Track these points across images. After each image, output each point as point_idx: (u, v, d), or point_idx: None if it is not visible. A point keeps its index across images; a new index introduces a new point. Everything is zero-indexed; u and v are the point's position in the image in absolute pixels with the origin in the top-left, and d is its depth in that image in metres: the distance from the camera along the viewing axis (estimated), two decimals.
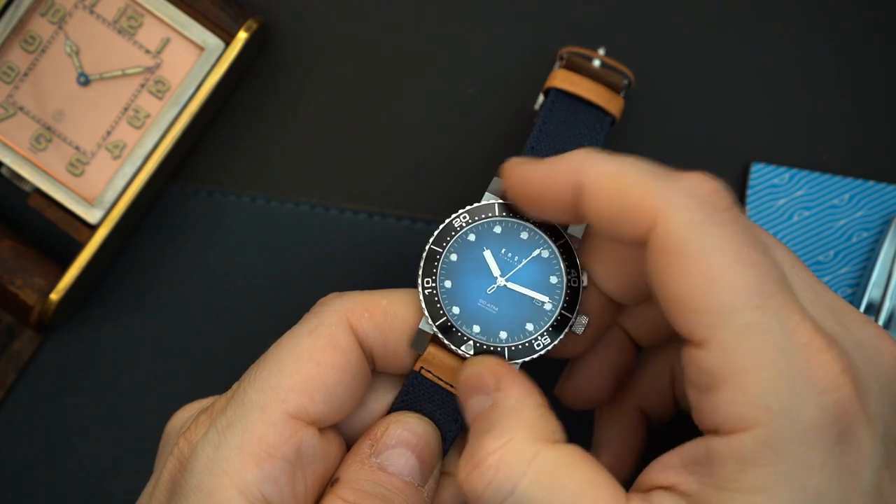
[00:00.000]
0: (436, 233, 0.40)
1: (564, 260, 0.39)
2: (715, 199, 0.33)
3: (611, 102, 0.44)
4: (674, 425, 0.45)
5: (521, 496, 0.34)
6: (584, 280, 0.39)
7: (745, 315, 0.32)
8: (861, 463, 0.32)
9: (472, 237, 0.40)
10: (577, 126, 0.43)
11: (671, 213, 0.33)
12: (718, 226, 0.33)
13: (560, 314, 0.39)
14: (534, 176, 0.37)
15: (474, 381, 0.37)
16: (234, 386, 0.38)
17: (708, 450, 0.33)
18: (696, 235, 0.33)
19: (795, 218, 0.50)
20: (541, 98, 0.46)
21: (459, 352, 0.39)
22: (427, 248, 0.40)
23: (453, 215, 0.40)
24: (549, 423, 0.36)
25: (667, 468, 0.34)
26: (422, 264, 0.39)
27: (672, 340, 0.43)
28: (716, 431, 0.33)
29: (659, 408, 0.44)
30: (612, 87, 0.44)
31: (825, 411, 0.32)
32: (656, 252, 0.33)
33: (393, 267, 0.50)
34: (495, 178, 0.40)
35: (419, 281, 0.39)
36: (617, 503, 0.33)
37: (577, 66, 0.44)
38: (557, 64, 0.46)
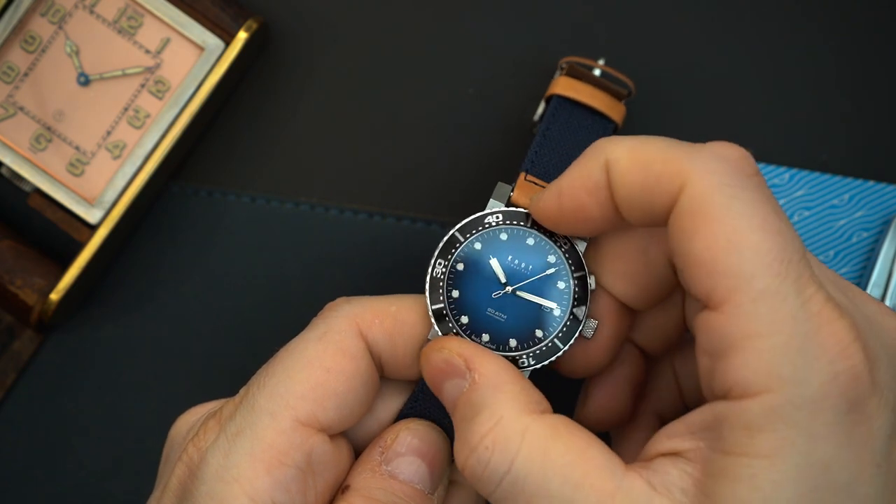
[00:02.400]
0: (463, 222, 0.39)
1: (571, 264, 0.39)
2: (742, 165, 0.34)
3: (613, 109, 0.44)
4: None
5: (517, 473, 0.34)
6: (592, 283, 0.39)
7: (765, 280, 0.32)
8: (872, 433, 0.32)
9: (478, 246, 0.40)
10: (580, 132, 0.43)
11: (700, 174, 0.33)
12: (745, 190, 0.33)
13: (569, 319, 0.39)
14: (563, 184, 0.37)
15: (444, 365, 0.37)
16: (242, 391, 0.38)
17: (715, 415, 0.33)
18: (723, 198, 0.33)
19: (795, 218, 0.50)
20: (540, 108, 0.46)
21: None
22: (449, 233, 0.39)
23: (487, 211, 0.40)
24: (533, 394, 0.36)
25: (673, 436, 0.34)
26: (434, 256, 0.39)
27: (679, 344, 0.43)
28: (725, 397, 0.33)
29: (671, 410, 0.44)
30: (614, 95, 0.44)
31: (836, 379, 0.32)
32: (683, 213, 0.33)
33: (393, 267, 0.50)
34: (499, 184, 0.40)
35: (427, 285, 0.39)
36: (610, 471, 0.33)
37: (579, 74, 0.44)
38: (558, 73, 0.46)
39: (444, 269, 0.39)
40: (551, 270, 0.39)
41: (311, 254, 0.51)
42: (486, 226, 0.39)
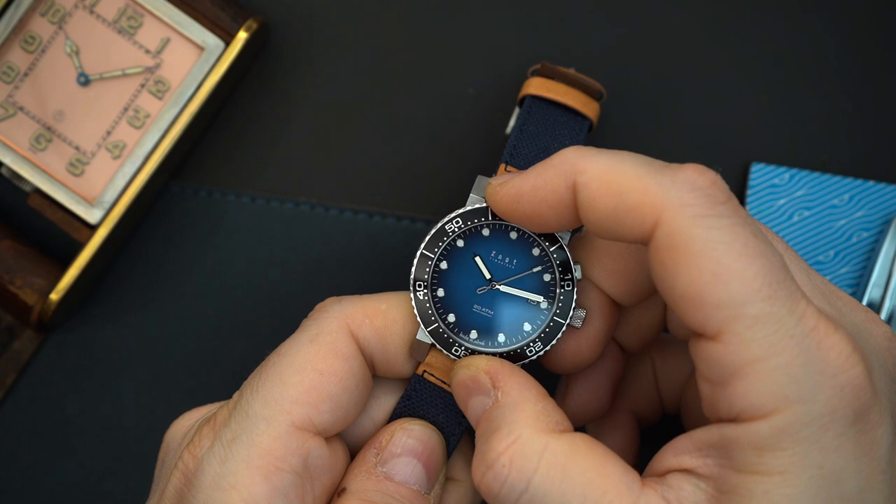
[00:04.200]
0: (427, 238, 0.39)
1: (555, 256, 0.39)
2: (714, 192, 0.33)
3: (587, 106, 0.43)
4: (663, 424, 0.45)
5: (535, 491, 0.34)
6: (578, 273, 0.39)
7: (756, 306, 0.32)
8: (876, 440, 0.33)
9: (460, 243, 0.39)
10: (555, 129, 0.42)
11: (675, 208, 0.33)
12: (721, 218, 0.33)
13: (557, 311, 0.39)
14: (525, 187, 0.36)
15: (470, 382, 0.37)
16: (236, 396, 0.38)
17: (722, 436, 0.33)
18: (701, 230, 0.32)
19: (795, 218, 0.50)
20: (512, 121, 0.45)
21: (454, 359, 0.39)
22: (418, 253, 0.39)
23: (445, 219, 0.39)
24: (554, 414, 0.36)
25: (681, 452, 0.34)
26: (413, 271, 0.39)
27: (656, 342, 0.43)
28: (731, 420, 0.33)
29: (647, 408, 0.44)
30: (588, 92, 0.43)
31: (841, 392, 0.32)
32: (661, 250, 0.33)
33: (393, 267, 0.50)
34: (479, 177, 0.40)
35: (412, 290, 0.39)
36: (628, 488, 0.33)
37: (552, 73, 0.44)
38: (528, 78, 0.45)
39: (424, 295, 0.39)
40: (536, 266, 0.39)
41: (311, 254, 0.51)
42: (450, 234, 0.39)
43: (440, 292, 0.39)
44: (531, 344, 0.39)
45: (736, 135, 0.51)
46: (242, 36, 0.48)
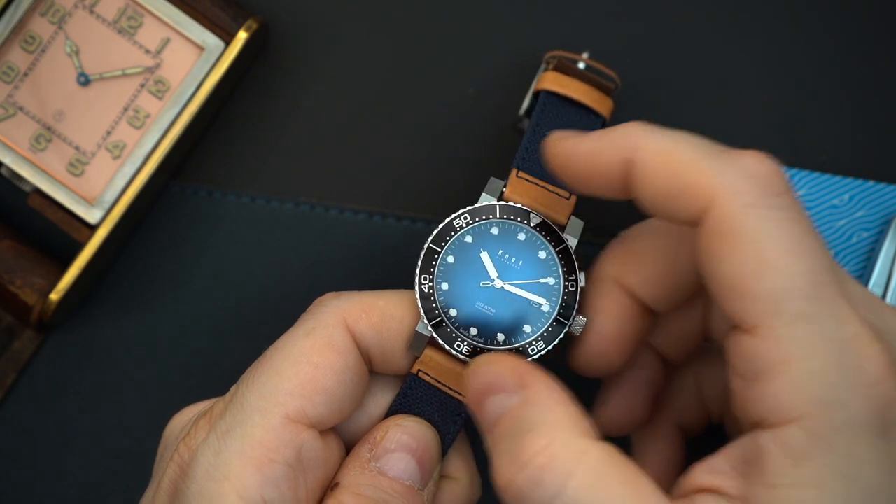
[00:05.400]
0: (435, 232, 0.40)
1: (562, 261, 0.39)
2: (772, 182, 0.33)
3: (600, 103, 0.43)
4: (709, 435, 0.45)
5: (570, 497, 0.32)
6: (582, 280, 0.39)
7: (798, 304, 0.31)
8: None
9: (469, 239, 0.40)
10: (569, 127, 0.43)
11: (729, 195, 0.32)
12: (775, 210, 0.32)
13: (558, 316, 0.39)
14: (581, 150, 0.36)
15: (492, 379, 0.36)
16: (233, 389, 0.38)
17: (756, 446, 0.32)
18: (753, 220, 0.32)
19: None
20: (526, 103, 0.46)
21: (455, 353, 0.39)
22: (425, 246, 0.40)
23: (454, 215, 0.40)
24: (586, 420, 0.34)
25: (711, 471, 0.33)
26: (419, 264, 0.39)
27: (698, 353, 0.43)
28: (761, 424, 0.32)
29: (691, 420, 0.43)
30: (602, 89, 0.44)
31: (872, 403, 0.31)
32: (711, 234, 0.33)
33: (392, 267, 0.50)
34: (492, 179, 0.40)
35: (416, 281, 0.39)
36: None
37: (566, 69, 0.44)
38: (543, 67, 0.46)
39: (433, 263, 0.39)
40: (543, 275, 0.39)
41: (311, 254, 0.51)
42: (486, 217, 0.39)
43: (444, 286, 0.39)
44: (533, 343, 0.39)
45: (736, 135, 0.51)
46: (242, 36, 0.48)
